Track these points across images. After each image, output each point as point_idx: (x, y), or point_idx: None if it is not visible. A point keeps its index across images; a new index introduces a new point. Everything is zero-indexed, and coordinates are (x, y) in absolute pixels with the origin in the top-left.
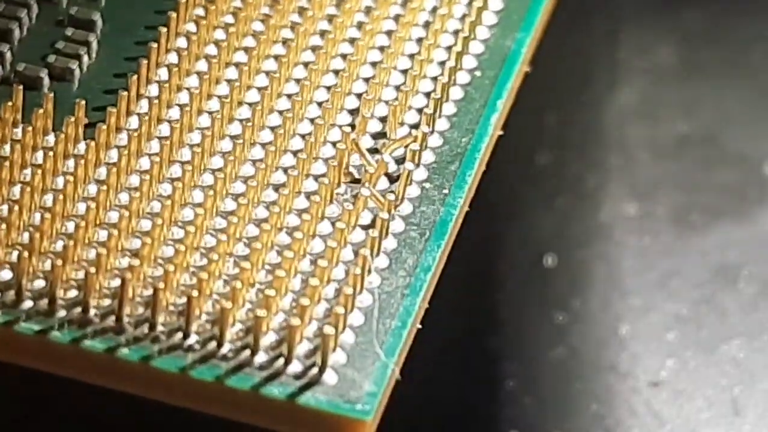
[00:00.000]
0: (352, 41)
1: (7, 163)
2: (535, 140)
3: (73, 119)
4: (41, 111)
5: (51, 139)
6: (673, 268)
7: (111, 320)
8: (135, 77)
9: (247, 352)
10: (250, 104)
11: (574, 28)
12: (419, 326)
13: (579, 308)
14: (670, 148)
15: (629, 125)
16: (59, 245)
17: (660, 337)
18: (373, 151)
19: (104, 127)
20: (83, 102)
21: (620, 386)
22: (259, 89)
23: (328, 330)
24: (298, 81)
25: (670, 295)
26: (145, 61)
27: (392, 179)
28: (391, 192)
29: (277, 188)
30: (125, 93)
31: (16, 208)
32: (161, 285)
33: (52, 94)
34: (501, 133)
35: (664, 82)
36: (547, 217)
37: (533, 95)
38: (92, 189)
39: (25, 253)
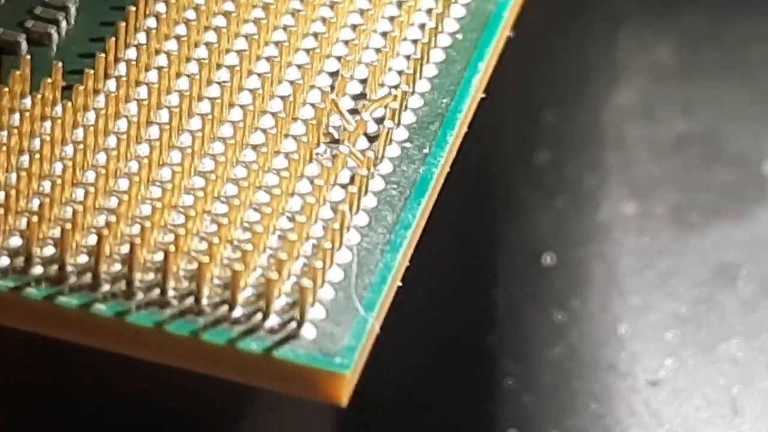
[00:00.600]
0: (332, 5)
1: None
2: (534, 139)
3: (50, 81)
4: (18, 73)
5: (28, 102)
6: (672, 267)
7: (88, 277)
8: (113, 40)
9: (225, 308)
10: (228, 67)
11: (572, 26)
12: (400, 283)
13: (578, 307)
14: (669, 147)
15: (628, 124)
16: (35, 204)
17: (659, 336)
18: (353, 112)
19: (81, 88)
20: (60, 65)
21: (619, 385)
22: (238, 52)
23: (306, 283)
24: (277, 44)
25: (669, 295)
26: (123, 25)
27: (372, 139)
28: (371, 150)
29: (255, 147)
30: (103, 56)
31: None
32: (138, 241)
33: (29, 57)
34: (483, 95)
35: (662, 81)
36: (545, 215)
37: (532, 94)
38: (69, 150)
39: (0, 211)
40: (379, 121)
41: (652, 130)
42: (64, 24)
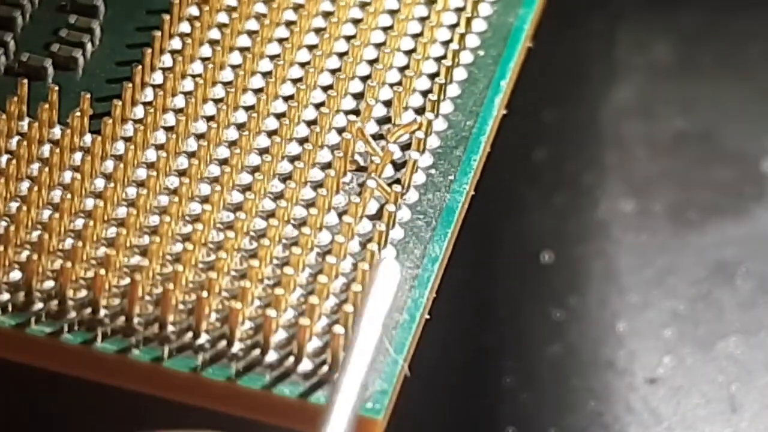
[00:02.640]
0: (355, 22)
1: (14, 160)
2: (533, 137)
3: (78, 112)
4: (46, 105)
5: (57, 131)
6: (671, 264)
7: (121, 321)
8: (139, 68)
9: (257, 351)
10: (254, 91)
11: (571, 24)
12: (427, 317)
13: (576, 305)
14: (667, 145)
15: (626, 122)
16: (68, 243)
17: (657, 334)
18: (378, 137)
19: (110, 120)
20: (88, 95)
21: (618, 383)
22: (264, 74)
23: (338, 330)
24: (302, 65)
25: (668, 292)
26: (149, 50)
27: (398, 166)
28: (397, 180)
29: (284, 179)
30: (130, 85)
31: (24, 206)
32: (171, 286)
33: (56, 87)
34: (505, 112)
35: (661, 79)
36: (544, 213)
37: (531, 92)
38: (99, 183)
39: (35, 255)
40: (405, 147)
41: (651, 128)
42: (89, 46)
